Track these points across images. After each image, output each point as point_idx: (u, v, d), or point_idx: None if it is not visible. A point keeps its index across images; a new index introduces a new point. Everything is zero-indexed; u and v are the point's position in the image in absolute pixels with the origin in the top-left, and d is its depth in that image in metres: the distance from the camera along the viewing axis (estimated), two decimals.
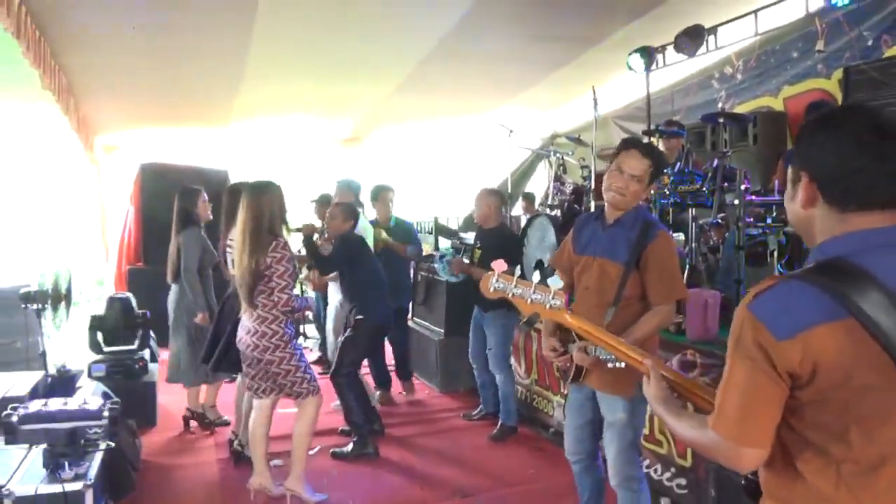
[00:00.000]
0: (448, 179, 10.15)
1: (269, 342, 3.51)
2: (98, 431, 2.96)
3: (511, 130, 6.49)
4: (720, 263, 4.92)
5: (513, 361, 4.98)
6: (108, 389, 4.16)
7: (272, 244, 3.45)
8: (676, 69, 6.58)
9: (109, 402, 3.15)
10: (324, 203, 5.69)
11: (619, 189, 2.65)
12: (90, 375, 4.70)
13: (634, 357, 1.62)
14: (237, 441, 4.25)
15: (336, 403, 5.09)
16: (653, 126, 5.78)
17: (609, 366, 2.05)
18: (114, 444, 3.06)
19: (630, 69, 6.33)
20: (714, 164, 4.61)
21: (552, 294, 1.67)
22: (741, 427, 1.22)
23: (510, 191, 7.07)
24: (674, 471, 3.56)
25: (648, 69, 6.26)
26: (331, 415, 4.93)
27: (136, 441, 4.21)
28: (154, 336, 5.69)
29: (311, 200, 6.24)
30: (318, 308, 6.24)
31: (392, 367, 5.87)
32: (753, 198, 4.61)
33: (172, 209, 4.77)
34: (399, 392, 5.78)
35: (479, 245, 4.85)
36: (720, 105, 6.34)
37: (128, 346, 4.99)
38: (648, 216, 2.74)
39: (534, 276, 1.75)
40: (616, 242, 2.67)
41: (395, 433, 4.87)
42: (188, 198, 4.75)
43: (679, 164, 5.11)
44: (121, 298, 5.28)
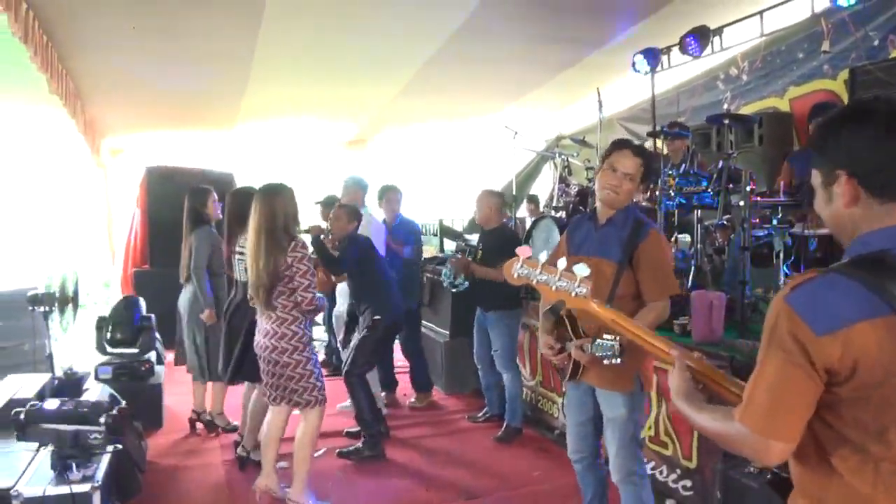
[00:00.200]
0: (453, 181, 10.14)
1: (289, 343, 3.50)
2: (99, 436, 2.98)
3: (516, 132, 6.49)
4: (726, 265, 4.92)
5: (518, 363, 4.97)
6: (115, 391, 4.17)
7: (291, 244, 3.46)
8: (682, 70, 6.56)
9: (117, 406, 3.17)
10: (329, 205, 5.69)
11: (613, 187, 2.71)
12: (97, 378, 4.72)
13: (661, 347, 1.57)
14: (241, 446, 4.24)
15: (341, 405, 5.11)
16: (657, 128, 5.78)
17: (606, 363, 2.06)
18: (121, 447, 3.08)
19: (635, 70, 6.33)
20: (719, 166, 4.60)
21: (578, 281, 1.60)
22: (769, 420, 1.19)
23: (515, 193, 7.03)
24: (679, 472, 3.55)
25: (653, 70, 6.25)
26: (336, 417, 4.93)
27: (143, 443, 4.22)
28: (160, 338, 5.70)
29: (317, 202, 6.25)
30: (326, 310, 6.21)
31: (399, 369, 5.81)
32: (759, 199, 4.60)
33: (178, 212, 4.77)
34: (403, 394, 5.75)
35: (481, 246, 4.85)
36: (726, 106, 6.33)
37: (130, 350, 5.02)
38: (639, 215, 2.78)
39: None
40: (609, 241, 2.72)
41: (401, 435, 4.87)
42: (198, 197, 4.76)
43: (684, 166, 5.10)
44: (129, 300, 5.30)
